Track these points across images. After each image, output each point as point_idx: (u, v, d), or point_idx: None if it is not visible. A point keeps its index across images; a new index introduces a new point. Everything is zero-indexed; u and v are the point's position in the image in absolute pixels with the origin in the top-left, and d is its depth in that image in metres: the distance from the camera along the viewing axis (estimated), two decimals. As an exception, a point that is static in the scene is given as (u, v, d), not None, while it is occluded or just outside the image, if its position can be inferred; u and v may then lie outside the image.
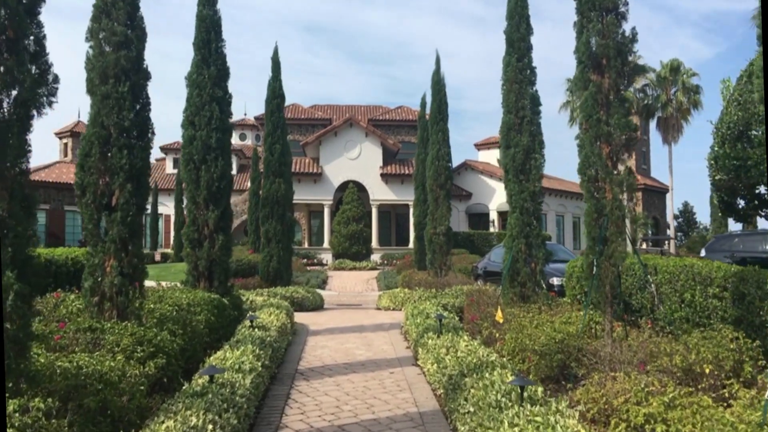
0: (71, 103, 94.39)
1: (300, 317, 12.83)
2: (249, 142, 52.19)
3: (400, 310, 14.17)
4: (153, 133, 7.11)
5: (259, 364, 6.62)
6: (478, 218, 41.09)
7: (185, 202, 9.83)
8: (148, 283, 7.88)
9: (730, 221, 43.68)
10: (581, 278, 11.25)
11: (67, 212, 41.21)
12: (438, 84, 15.23)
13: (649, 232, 43.49)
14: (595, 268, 6.88)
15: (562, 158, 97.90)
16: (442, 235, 14.72)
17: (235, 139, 49.01)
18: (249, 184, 45.49)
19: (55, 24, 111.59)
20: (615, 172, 6.76)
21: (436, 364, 6.97)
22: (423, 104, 17.28)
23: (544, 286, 10.07)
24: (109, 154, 6.78)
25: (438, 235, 14.74)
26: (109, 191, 6.78)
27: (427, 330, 8.55)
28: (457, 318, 10.14)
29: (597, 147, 6.80)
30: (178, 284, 10.24)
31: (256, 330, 8.13)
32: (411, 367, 8.16)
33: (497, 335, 8.39)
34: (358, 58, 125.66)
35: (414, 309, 10.45)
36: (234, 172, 42.61)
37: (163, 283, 10.51)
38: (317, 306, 15.72)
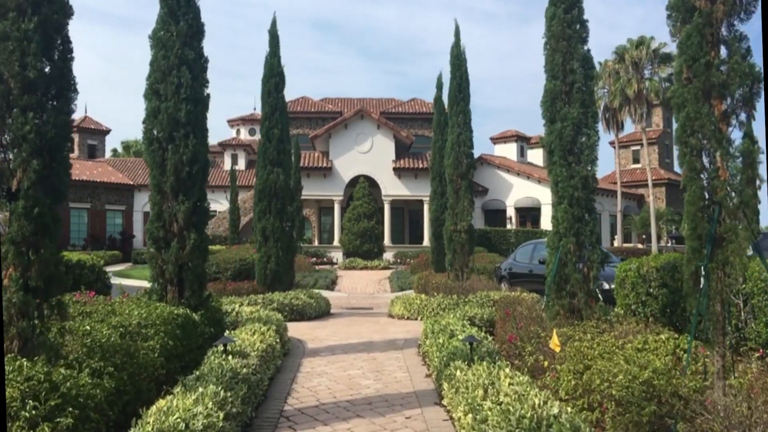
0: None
1: (299, 329, 10.78)
2: (259, 137, 50.29)
3: (416, 319, 12.07)
4: (76, 91, 5.04)
5: (221, 416, 4.54)
6: (495, 215, 38.88)
7: (150, 192, 7.77)
8: (135, 284, 5.83)
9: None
10: (637, 284, 9.12)
11: (72, 210, 39.53)
12: (458, 58, 13.07)
13: (673, 229, 41.05)
14: (702, 280, 4.71)
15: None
16: (463, 232, 12.59)
17: (244, 135, 47.11)
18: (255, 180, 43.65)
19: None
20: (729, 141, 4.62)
21: (470, 414, 4.85)
22: (439, 84, 15.15)
23: (600, 296, 7.91)
24: (9, 120, 4.73)
25: (459, 232, 12.61)
26: (8, 171, 4.73)
27: (454, 356, 6.42)
28: (489, 336, 8.02)
29: (704, 104, 4.64)
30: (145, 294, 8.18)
31: (231, 358, 6.05)
32: (434, 408, 6.04)
33: (546, 364, 6.26)
34: (367, 54, 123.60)
35: (434, 324, 8.34)
36: (243, 167, 40.70)
37: (129, 282, 8.49)
38: (321, 313, 13.67)
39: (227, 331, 7.45)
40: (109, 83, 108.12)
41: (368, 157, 32.81)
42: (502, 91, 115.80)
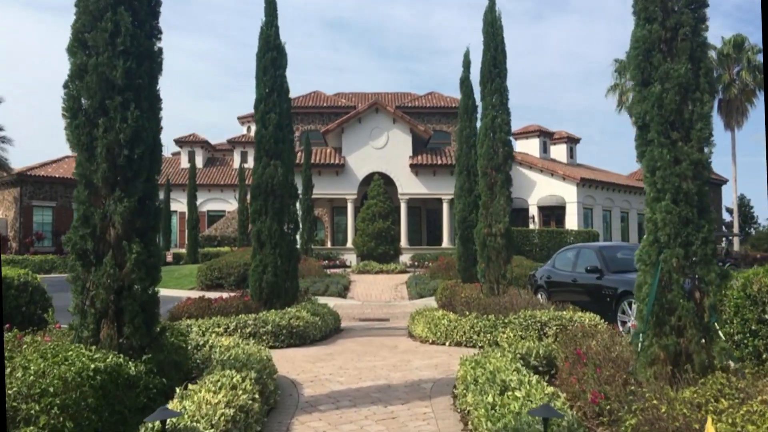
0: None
1: (296, 361, 8.41)
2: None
3: (444, 344, 9.66)
4: None
5: None
6: (516, 214, 36.20)
7: (77, 188, 5.42)
8: None
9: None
10: (743, 308, 6.65)
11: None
12: (492, 25, 10.57)
13: (724, 230, 38.18)
14: None
15: (609, 149, 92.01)
16: (499, 236, 10.14)
17: (252, 131, 45.00)
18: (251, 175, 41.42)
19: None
20: None
21: None
22: (466, 62, 12.55)
23: (720, 334, 5.45)
24: None
25: (494, 236, 10.16)
26: None
27: (519, 437, 4.02)
28: (547, 380, 5.58)
29: None
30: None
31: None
32: None
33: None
34: (381, 53, 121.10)
35: (476, 367, 5.92)
36: (249, 166, 38.52)
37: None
38: (329, 332, 11.32)
39: (179, 390, 5.06)
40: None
41: (383, 152, 30.42)
42: (517, 89, 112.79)
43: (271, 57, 10.91)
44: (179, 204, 38.29)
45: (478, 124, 13.22)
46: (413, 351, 9.37)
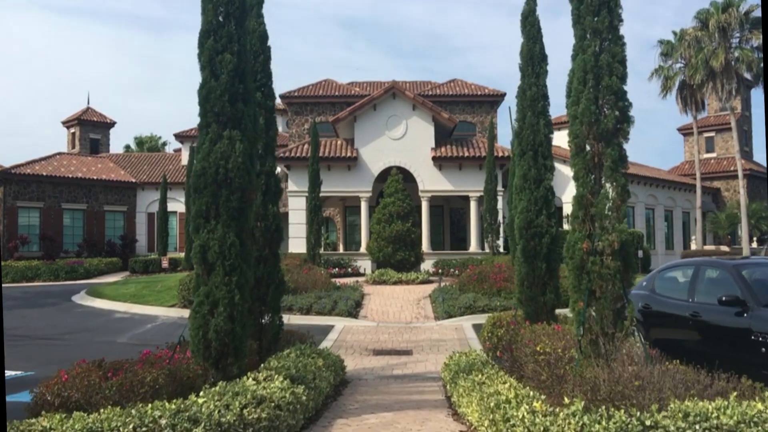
0: (80, 89, 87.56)
1: None
2: (279, 128, 43.77)
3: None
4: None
5: None
6: (549, 213, 31.65)
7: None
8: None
9: None
10: None
11: (65, 210, 33.49)
12: None
13: (766, 227, 33.15)
14: None
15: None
16: (611, 255, 5.54)
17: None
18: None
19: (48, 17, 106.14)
20: None
21: None
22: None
23: None
24: None
25: (601, 255, 5.58)
26: None
27: None
28: None
29: None
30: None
31: None
32: None
33: None
34: (396, 52, 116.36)
35: None
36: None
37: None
38: (323, 402, 6.89)
39: None
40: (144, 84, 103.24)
41: (402, 144, 25.87)
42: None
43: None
44: (179, 204, 34.09)
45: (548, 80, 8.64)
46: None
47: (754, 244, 32.49)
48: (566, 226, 29.18)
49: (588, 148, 6.07)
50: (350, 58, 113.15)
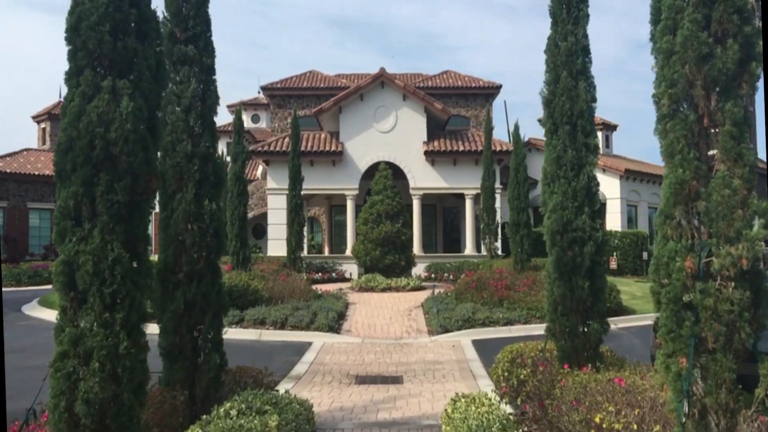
0: (53, 83, 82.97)
1: None
2: (263, 124, 41.19)
3: None
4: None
5: None
6: (547, 212, 29.33)
7: None
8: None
9: None
10: None
11: (32, 210, 30.75)
12: None
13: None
14: None
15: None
16: (734, 278, 3.24)
17: (247, 121, 37.97)
18: (257, 173, 34.37)
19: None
20: None
21: None
22: None
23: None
24: None
25: (718, 278, 3.24)
26: None
27: None
28: None
29: None
30: None
31: None
32: None
33: None
34: (387, 51, 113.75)
35: None
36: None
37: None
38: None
39: None
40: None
41: (391, 137, 23.41)
42: (524, 85, 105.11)
43: None
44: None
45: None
46: None
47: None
48: (609, 226, 26.38)
49: (685, 105, 3.66)
50: (341, 57, 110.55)
